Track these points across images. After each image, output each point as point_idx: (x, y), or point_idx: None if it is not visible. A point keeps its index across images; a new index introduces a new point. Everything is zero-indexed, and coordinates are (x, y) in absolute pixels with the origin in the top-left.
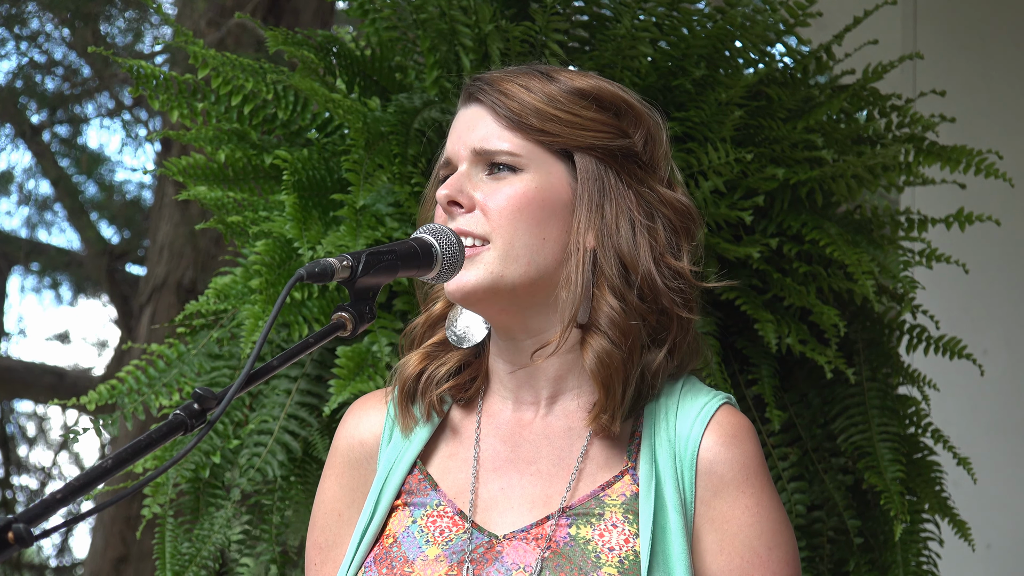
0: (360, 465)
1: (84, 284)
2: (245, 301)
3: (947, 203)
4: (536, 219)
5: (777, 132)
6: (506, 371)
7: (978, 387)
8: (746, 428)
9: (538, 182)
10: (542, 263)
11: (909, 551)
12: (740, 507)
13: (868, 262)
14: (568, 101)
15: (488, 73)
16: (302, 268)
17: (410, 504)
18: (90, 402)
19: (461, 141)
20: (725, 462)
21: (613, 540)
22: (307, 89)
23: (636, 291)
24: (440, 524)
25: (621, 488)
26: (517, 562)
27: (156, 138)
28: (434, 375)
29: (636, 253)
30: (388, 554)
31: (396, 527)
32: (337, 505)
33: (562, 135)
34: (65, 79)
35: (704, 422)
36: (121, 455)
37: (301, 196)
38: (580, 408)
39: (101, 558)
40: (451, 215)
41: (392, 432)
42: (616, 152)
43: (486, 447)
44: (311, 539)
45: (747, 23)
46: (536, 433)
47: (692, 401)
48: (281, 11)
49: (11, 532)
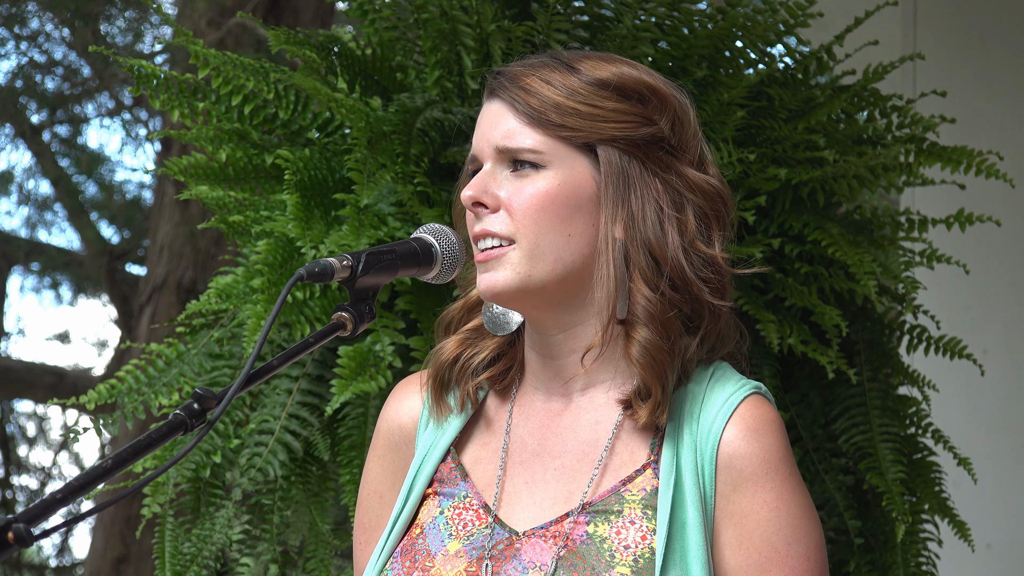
0: (400, 448)
1: (84, 284)
2: (247, 301)
3: (947, 203)
4: (561, 216)
5: (778, 132)
6: (539, 363)
7: (978, 387)
8: (770, 421)
9: (561, 178)
10: (569, 260)
11: (909, 551)
12: (759, 502)
13: (870, 262)
14: (589, 93)
15: (509, 66)
16: (302, 268)
17: (440, 493)
18: (90, 402)
19: (485, 139)
20: (745, 456)
21: (629, 538)
22: (309, 88)
23: (668, 281)
24: (465, 517)
25: (642, 483)
26: (534, 560)
27: (156, 138)
28: (469, 363)
29: (664, 243)
30: (414, 546)
31: (425, 517)
32: (379, 487)
33: (583, 129)
34: (65, 79)
35: (727, 414)
36: (121, 455)
37: (303, 196)
38: (609, 401)
39: (101, 558)
40: (477, 216)
41: (430, 418)
42: (640, 141)
43: (515, 438)
44: (357, 519)
45: (748, 23)
46: (563, 426)
47: (720, 391)
48: (281, 11)
49: (11, 532)
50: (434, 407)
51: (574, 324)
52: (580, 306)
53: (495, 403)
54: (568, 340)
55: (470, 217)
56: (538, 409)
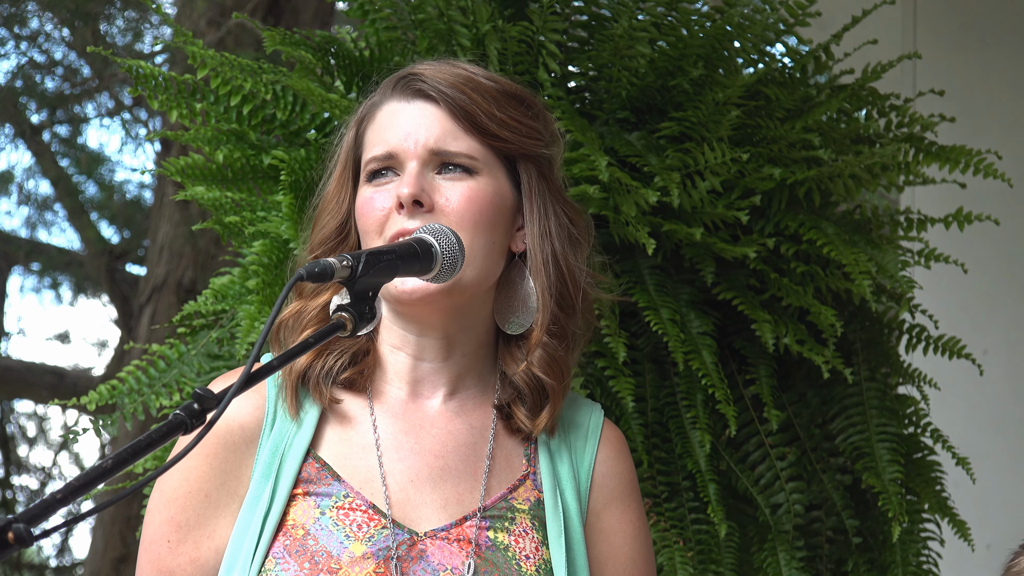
0: (236, 448)
1: (84, 284)
2: (243, 301)
3: (946, 203)
4: (491, 223)
5: (775, 132)
6: (405, 363)
7: (978, 387)
8: (625, 441)
9: (493, 186)
10: (491, 267)
11: (909, 551)
12: (626, 520)
13: (865, 262)
14: (512, 107)
15: (425, 68)
16: (302, 268)
17: (313, 494)
18: (90, 402)
19: (412, 138)
20: (616, 476)
21: (527, 548)
22: (303, 89)
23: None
24: (355, 518)
25: (525, 493)
26: (444, 563)
27: (155, 138)
28: (329, 366)
29: (567, 258)
30: (304, 546)
31: (302, 517)
32: (205, 485)
33: (513, 142)
34: (65, 79)
35: (597, 434)
36: (121, 455)
37: (298, 196)
38: (478, 407)
39: (101, 558)
40: (410, 213)
41: (275, 417)
42: (543, 159)
43: (385, 435)
44: (166, 514)
45: (746, 23)
46: (439, 427)
47: (577, 408)
48: (281, 11)
49: (11, 532)
50: (289, 406)
51: (458, 330)
52: (469, 313)
53: (346, 395)
54: (447, 345)
55: (393, 215)
56: (403, 408)
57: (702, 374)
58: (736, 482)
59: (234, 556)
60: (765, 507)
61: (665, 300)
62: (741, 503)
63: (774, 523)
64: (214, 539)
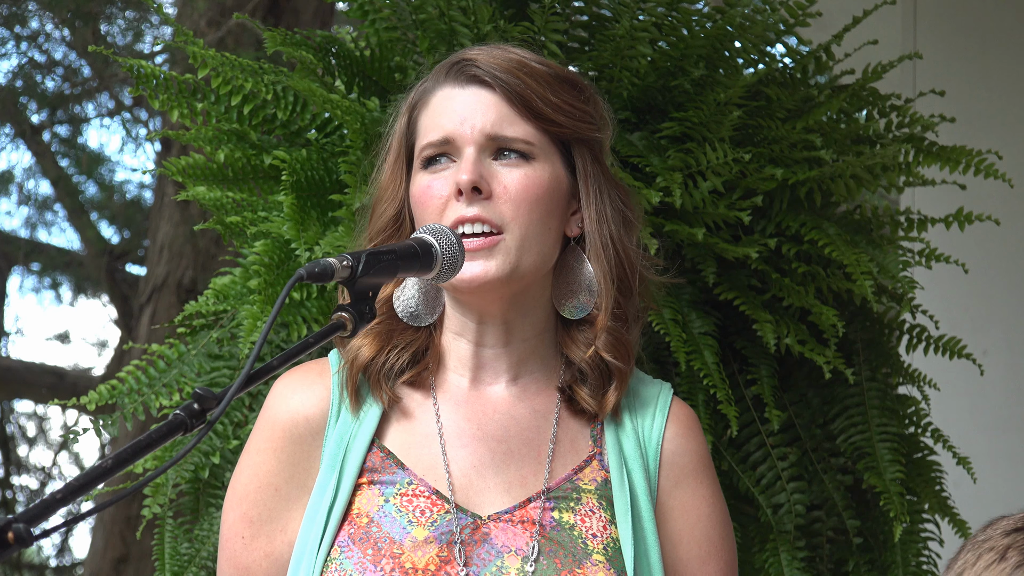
0: (303, 441)
1: (84, 284)
2: (244, 301)
3: (947, 203)
4: (547, 210)
5: (776, 132)
6: (467, 351)
7: (978, 387)
8: (697, 419)
9: (549, 172)
10: (548, 253)
11: (909, 551)
12: (699, 497)
13: (867, 262)
14: (565, 91)
15: (478, 53)
16: (302, 268)
17: (377, 483)
18: (90, 402)
19: (468, 123)
20: (687, 453)
21: (594, 527)
22: (304, 89)
23: (628, 277)
24: (418, 504)
25: (591, 474)
26: (508, 545)
27: (156, 138)
28: (391, 364)
29: (623, 241)
30: (368, 534)
31: (366, 506)
32: (275, 479)
33: (568, 126)
34: (65, 79)
35: (665, 412)
36: (121, 455)
37: (299, 196)
38: (541, 391)
39: (101, 558)
40: (469, 200)
41: (340, 410)
42: (596, 143)
43: (448, 423)
44: (239, 511)
45: (746, 23)
46: (501, 413)
47: (643, 387)
48: (281, 11)
49: (11, 532)
50: (350, 400)
51: (517, 316)
52: (527, 299)
53: (408, 390)
54: (506, 331)
55: (452, 203)
56: (466, 396)
57: (704, 374)
58: (737, 482)
59: (302, 547)
60: (766, 507)
61: (667, 300)
62: (742, 503)
63: (775, 523)
64: (287, 532)
